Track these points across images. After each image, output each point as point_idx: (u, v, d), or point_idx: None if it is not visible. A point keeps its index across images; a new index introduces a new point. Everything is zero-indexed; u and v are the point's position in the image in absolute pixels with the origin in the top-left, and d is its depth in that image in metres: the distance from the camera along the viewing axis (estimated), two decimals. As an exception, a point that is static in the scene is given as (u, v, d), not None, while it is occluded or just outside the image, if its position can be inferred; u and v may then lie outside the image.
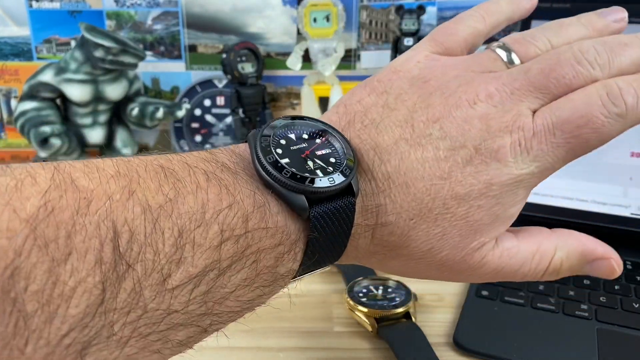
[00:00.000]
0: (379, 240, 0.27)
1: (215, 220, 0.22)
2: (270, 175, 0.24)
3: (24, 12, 0.68)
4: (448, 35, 0.29)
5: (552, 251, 0.28)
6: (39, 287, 0.18)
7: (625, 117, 0.25)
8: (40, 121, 0.62)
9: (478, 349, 0.39)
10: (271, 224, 0.23)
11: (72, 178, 0.20)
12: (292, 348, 0.40)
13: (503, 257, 0.27)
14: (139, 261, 0.20)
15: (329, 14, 0.66)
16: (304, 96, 0.68)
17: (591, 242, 0.29)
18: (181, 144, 0.72)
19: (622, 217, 0.51)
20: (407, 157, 0.26)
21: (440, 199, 0.25)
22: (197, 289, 0.21)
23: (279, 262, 0.24)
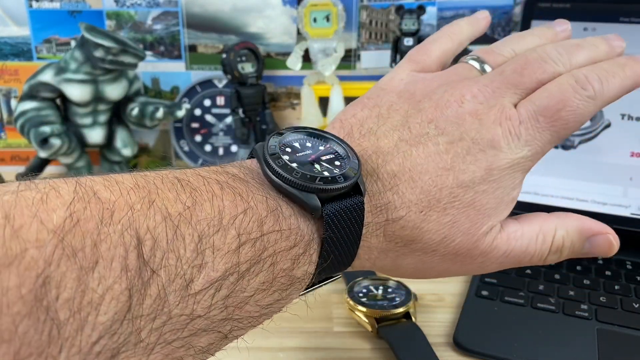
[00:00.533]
0: (391, 236, 0.28)
1: (232, 225, 0.23)
2: (282, 178, 0.25)
3: (24, 12, 0.68)
4: (423, 54, 0.33)
5: (553, 230, 0.30)
6: (70, 295, 0.18)
7: (595, 98, 0.28)
8: (40, 121, 0.62)
9: (478, 349, 0.39)
10: (285, 227, 0.24)
11: (94, 190, 0.21)
12: (292, 348, 0.40)
13: (510, 239, 0.29)
14: (162, 267, 0.20)
15: (329, 14, 0.66)
16: (304, 96, 0.68)
17: (588, 220, 0.31)
18: (181, 144, 0.72)
19: (622, 217, 0.51)
20: (410, 155, 0.28)
21: (447, 189, 0.27)
22: (218, 294, 0.22)
23: (295, 265, 0.25)
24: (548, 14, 0.54)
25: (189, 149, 0.72)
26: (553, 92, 0.28)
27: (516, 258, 0.29)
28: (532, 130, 0.28)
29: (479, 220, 0.28)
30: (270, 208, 0.24)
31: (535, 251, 0.30)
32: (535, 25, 0.54)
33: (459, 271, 0.30)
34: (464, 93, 0.29)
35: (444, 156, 0.27)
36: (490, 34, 0.68)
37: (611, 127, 0.51)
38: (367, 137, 0.29)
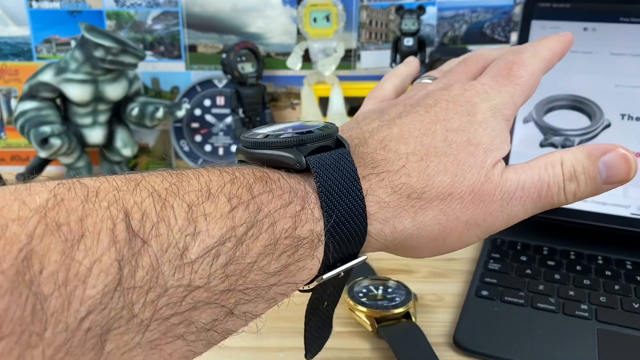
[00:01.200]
0: (398, 187, 0.27)
1: (222, 192, 0.23)
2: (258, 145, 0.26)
3: (24, 12, 0.68)
4: (380, 90, 0.37)
5: (560, 158, 0.30)
6: (55, 268, 0.18)
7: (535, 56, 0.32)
8: (40, 121, 0.62)
9: (478, 349, 0.39)
10: (275, 187, 0.24)
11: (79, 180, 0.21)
12: (292, 348, 0.40)
13: (518, 171, 0.29)
14: (153, 237, 0.20)
15: (329, 14, 0.66)
16: (304, 96, 0.68)
17: (592, 144, 0.31)
18: (181, 144, 0.72)
19: (622, 217, 0.51)
20: (394, 124, 0.29)
21: (440, 135, 0.28)
22: (217, 261, 0.21)
23: (297, 223, 0.24)
24: (548, 14, 0.54)
25: (189, 149, 0.72)
26: (500, 62, 0.32)
27: (533, 189, 0.29)
28: (495, 87, 0.31)
29: (480, 153, 0.28)
30: (256, 175, 0.24)
31: (549, 179, 0.29)
32: (536, 25, 0.54)
33: (486, 218, 0.29)
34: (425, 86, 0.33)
35: (426, 116, 0.29)
36: (490, 34, 0.69)
37: (611, 127, 0.51)
38: (350, 130, 0.31)
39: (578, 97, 0.53)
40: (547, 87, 0.54)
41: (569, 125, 0.53)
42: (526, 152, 0.54)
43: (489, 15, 0.68)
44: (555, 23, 0.53)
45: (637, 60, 0.51)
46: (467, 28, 0.69)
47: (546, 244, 0.51)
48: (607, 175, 0.29)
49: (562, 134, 0.53)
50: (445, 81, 0.32)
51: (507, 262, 0.48)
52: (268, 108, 0.70)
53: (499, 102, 0.30)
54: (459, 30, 0.68)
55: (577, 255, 0.49)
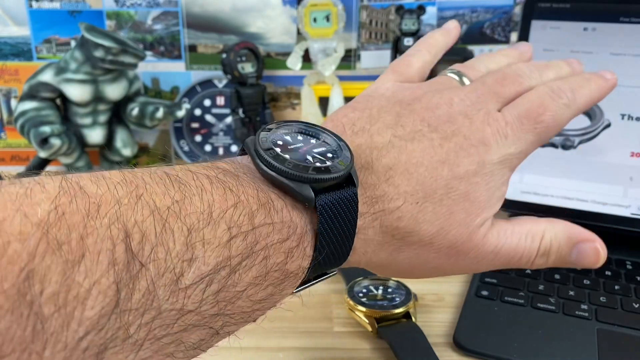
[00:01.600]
0: (388, 228, 0.28)
1: (222, 219, 0.22)
2: (274, 168, 0.25)
3: (24, 12, 0.68)
4: (406, 66, 0.35)
5: (542, 231, 0.31)
6: (55, 289, 0.18)
7: (570, 106, 0.31)
8: (40, 121, 0.62)
9: (478, 349, 0.39)
10: (277, 219, 0.24)
11: (80, 185, 0.20)
12: (292, 348, 0.40)
13: (500, 235, 0.30)
14: (151, 260, 0.20)
15: (329, 14, 0.66)
16: (304, 96, 0.68)
17: (577, 227, 0.32)
18: (181, 144, 0.72)
19: (622, 217, 0.51)
20: (405, 149, 0.28)
21: (443, 180, 0.28)
22: (209, 288, 0.22)
23: (289, 258, 0.24)
24: (548, 14, 0.54)
25: (189, 149, 0.72)
26: (533, 99, 0.30)
27: (506, 256, 0.30)
28: (517, 131, 0.29)
29: (473, 211, 0.28)
30: (261, 201, 0.24)
31: (524, 250, 0.30)
32: (536, 25, 0.54)
33: (453, 268, 0.30)
34: (451, 96, 0.30)
35: (438, 150, 0.28)
36: (490, 34, 0.69)
37: (611, 127, 0.51)
38: (360, 135, 0.29)
39: (578, 97, 0.52)
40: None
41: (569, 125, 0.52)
42: (526, 152, 0.54)
43: (489, 15, 0.68)
44: (555, 23, 0.53)
45: (637, 60, 0.51)
46: (467, 28, 0.69)
47: (546, 244, 0.51)
48: (576, 259, 0.31)
49: (562, 134, 0.53)
50: (473, 98, 0.30)
51: (507, 262, 0.48)
52: (268, 108, 0.70)
53: (513, 151, 0.29)
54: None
55: (577, 255, 0.49)
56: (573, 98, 0.31)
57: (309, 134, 0.28)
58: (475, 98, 0.30)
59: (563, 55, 0.53)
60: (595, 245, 0.31)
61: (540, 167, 0.53)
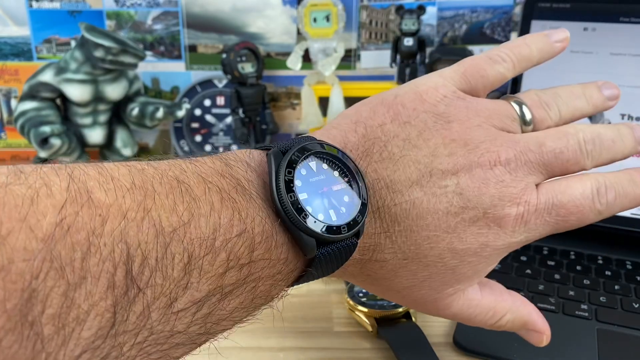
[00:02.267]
0: (368, 270, 0.29)
1: (224, 249, 0.22)
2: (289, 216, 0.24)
3: (24, 12, 0.68)
4: (479, 77, 0.30)
5: (504, 313, 0.32)
6: (55, 311, 0.18)
7: (602, 213, 0.30)
8: (40, 121, 0.62)
9: (478, 349, 0.39)
10: (274, 256, 0.24)
11: (88, 189, 0.20)
12: (292, 348, 0.40)
13: (464, 306, 0.31)
14: (149, 286, 0.20)
15: (329, 14, 0.66)
16: (304, 96, 0.68)
17: (537, 316, 0.33)
18: (181, 144, 0.72)
19: (622, 217, 0.50)
20: (419, 204, 0.27)
21: (438, 249, 0.28)
22: (199, 312, 0.22)
23: (273, 288, 0.25)
24: (548, 14, 0.54)
25: (189, 149, 0.72)
26: (576, 194, 0.29)
27: (462, 320, 0.32)
28: (539, 220, 0.28)
29: (450, 283, 0.29)
30: (265, 234, 0.24)
31: (480, 322, 0.32)
32: (536, 25, 0.54)
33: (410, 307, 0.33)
34: (500, 153, 0.28)
35: (450, 218, 0.27)
36: (490, 34, 0.68)
37: (611, 127, 0.51)
38: (386, 164, 0.27)
39: (578, 97, 0.52)
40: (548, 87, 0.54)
41: (569, 125, 0.53)
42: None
43: (489, 15, 0.68)
44: (555, 23, 0.53)
45: (637, 60, 0.51)
46: (467, 28, 0.69)
47: (546, 244, 0.51)
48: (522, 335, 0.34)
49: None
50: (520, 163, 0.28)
51: (507, 262, 0.48)
52: (268, 108, 0.70)
53: (522, 239, 0.29)
54: (459, 30, 0.68)
55: (577, 255, 0.49)
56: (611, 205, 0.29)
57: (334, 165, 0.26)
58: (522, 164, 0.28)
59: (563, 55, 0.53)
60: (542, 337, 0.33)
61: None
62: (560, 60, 0.53)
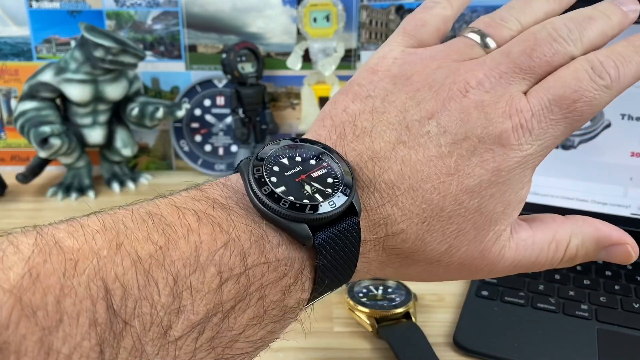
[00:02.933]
0: (391, 249, 0.26)
1: (211, 262, 0.21)
2: (269, 208, 0.23)
3: (24, 12, 0.68)
4: (419, 27, 0.29)
5: (567, 239, 0.28)
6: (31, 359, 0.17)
7: (612, 87, 0.26)
8: (40, 121, 0.62)
9: (478, 349, 0.39)
10: (272, 257, 0.22)
11: (56, 239, 0.19)
12: (292, 348, 0.40)
13: (519, 248, 0.27)
14: (135, 317, 0.19)
15: (329, 14, 0.66)
16: (304, 96, 0.68)
17: (606, 227, 0.28)
18: (181, 144, 0.72)
19: (622, 217, 0.51)
20: (409, 160, 0.25)
21: (451, 196, 0.25)
22: (202, 337, 0.20)
23: (287, 295, 0.23)
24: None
25: (189, 149, 0.72)
26: (568, 80, 0.25)
27: (525, 267, 0.28)
28: (544, 123, 0.25)
29: (485, 226, 0.26)
30: (254, 237, 0.22)
31: (546, 260, 0.28)
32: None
33: (463, 277, 0.28)
34: (468, 79, 0.26)
35: (446, 160, 0.25)
36: (490, 34, 0.68)
37: (611, 127, 0.51)
38: (362, 139, 0.26)
39: (578, 97, 0.52)
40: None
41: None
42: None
43: (489, 15, 0.68)
44: (555, 23, 0.53)
45: (637, 60, 0.51)
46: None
47: (546, 244, 0.51)
48: (604, 258, 0.29)
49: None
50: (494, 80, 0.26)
51: (507, 262, 0.48)
52: (268, 108, 0.70)
53: (536, 149, 0.25)
54: (459, 30, 0.68)
55: (577, 255, 0.49)
56: (617, 77, 0.26)
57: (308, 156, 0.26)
58: (497, 79, 0.26)
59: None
60: (627, 249, 0.28)
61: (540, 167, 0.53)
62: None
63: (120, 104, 0.66)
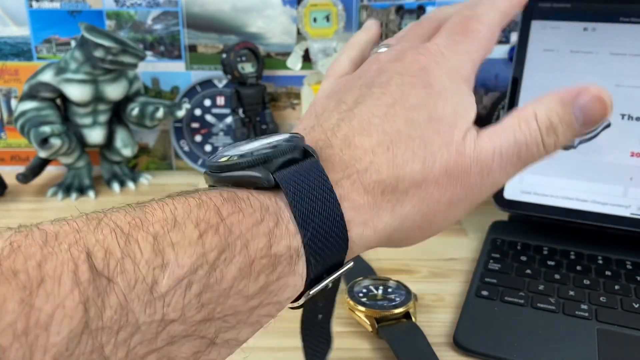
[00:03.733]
0: (370, 185, 0.26)
1: (188, 219, 0.22)
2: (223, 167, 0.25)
3: (24, 12, 0.68)
4: (336, 66, 0.35)
5: (532, 113, 0.28)
6: (12, 318, 0.17)
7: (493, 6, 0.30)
8: (40, 121, 0.62)
9: (478, 349, 0.39)
10: (244, 206, 0.23)
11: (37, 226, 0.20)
12: (292, 348, 0.40)
13: (492, 137, 0.28)
14: (119, 273, 0.19)
15: (329, 14, 0.66)
16: (304, 96, 0.68)
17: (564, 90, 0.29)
18: (181, 144, 0.72)
19: (622, 217, 0.51)
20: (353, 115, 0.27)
21: (400, 118, 0.27)
22: (190, 292, 0.21)
23: (273, 240, 0.23)
24: (548, 14, 0.54)
25: (189, 149, 0.72)
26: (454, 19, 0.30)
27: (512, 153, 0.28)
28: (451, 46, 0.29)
29: (445, 129, 0.27)
30: (224, 197, 0.23)
31: (526, 138, 0.28)
32: (536, 25, 0.54)
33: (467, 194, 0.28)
34: (378, 57, 0.30)
35: (383, 98, 0.28)
36: (490, 34, 0.68)
37: (611, 127, 0.51)
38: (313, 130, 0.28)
39: (578, 97, 0.52)
40: (548, 87, 0.54)
41: (569, 125, 0.53)
42: (526, 152, 0.54)
43: (489, 15, 0.68)
44: (555, 23, 0.53)
45: (637, 60, 0.51)
46: (467, 28, 0.68)
47: (546, 244, 0.51)
48: (584, 119, 0.29)
49: (562, 134, 0.53)
50: (398, 48, 0.30)
51: (507, 262, 0.48)
52: (268, 108, 0.70)
53: (455, 62, 0.29)
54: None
55: (577, 255, 0.49)
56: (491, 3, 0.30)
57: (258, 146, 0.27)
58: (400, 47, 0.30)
59: (563, 55, 0.53)
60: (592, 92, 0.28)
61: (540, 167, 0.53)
62: (560, 60, 0.53)
63: (121, 104, 0.66)
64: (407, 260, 0.51)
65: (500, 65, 0.69)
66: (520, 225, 0.54)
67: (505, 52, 0.69)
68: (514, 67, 0.54)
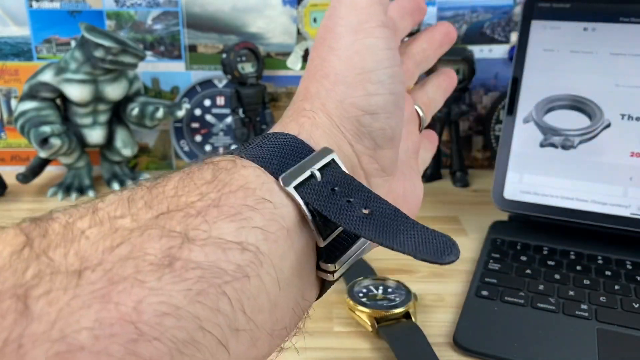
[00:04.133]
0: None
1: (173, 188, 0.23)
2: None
3: (24, 12, 0.68)
4: None
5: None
6: None
7: None
8: (40, 121, 0.62)
9: (478, 349, 0.39)
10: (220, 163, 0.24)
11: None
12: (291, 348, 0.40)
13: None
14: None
15: (329, 14, 0.66)
16: (304, 96, 0.68)
17: None
18: (181, 144, 0.72)
19: (622, 217, 0.51)
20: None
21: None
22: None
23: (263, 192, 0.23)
24: (548, 14, 0.54)
25: (189, 149, 0.72)
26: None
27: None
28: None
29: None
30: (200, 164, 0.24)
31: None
32: (536, 25, 0.54)
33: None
34: None
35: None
36: (490, 34, 0.69)
37: (611, 127, 0.51)
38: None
39: (578, 97, 0.53)
40: (548, 87, 0.54)
41: (569, 125, 0.53)
42: (526, 152, 0.54)
43: (489, 15, 0.68)
44: (555, 23, 0.53)
45: (637, 60, 0.51)
46: (467, 28, 0.69)
47: (546, 244, 0.51)
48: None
49: (562, 134, 0.53)
50: None
51: (507, 262, 0.48)
52: (268, 108, 0.70)
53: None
54: (459, 30, 0.68)
55: (577, 255, 0.49)
56: None
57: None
58: None
59: (563, 55, 0.53)
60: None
61: (540, 167, 0.53)
62: (560, 60, 0.53)
63: (121, 104, 0.66)
64: (407, 260, 0.51)
65: (500, 65, 0.70)
66: (520, 225, 0.54)
67: (505, 52, 0.69)
68: (514, 67, 0.55)
